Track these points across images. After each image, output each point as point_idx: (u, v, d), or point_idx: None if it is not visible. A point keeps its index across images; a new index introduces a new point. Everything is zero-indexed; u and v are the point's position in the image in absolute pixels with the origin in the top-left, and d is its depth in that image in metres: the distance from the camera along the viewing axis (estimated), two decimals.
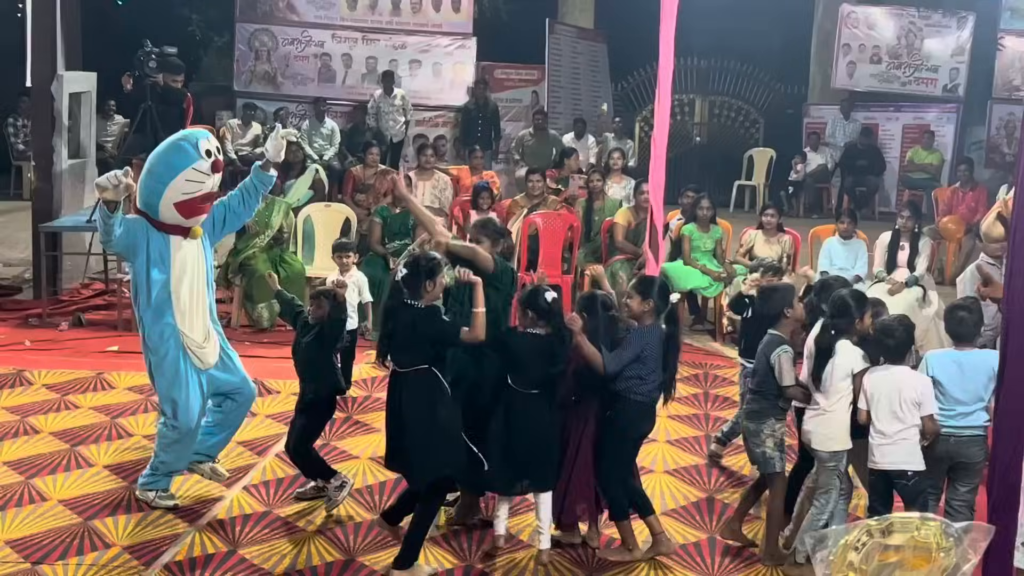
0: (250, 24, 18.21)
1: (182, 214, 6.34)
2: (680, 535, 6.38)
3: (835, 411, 5.80)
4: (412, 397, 5.73)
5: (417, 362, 5.70)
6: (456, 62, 18.39)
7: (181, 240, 6.40)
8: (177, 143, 6.38)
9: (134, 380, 8.85)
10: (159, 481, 6.62)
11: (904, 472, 5.64)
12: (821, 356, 5.82)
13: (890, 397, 5.65)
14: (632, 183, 12.62)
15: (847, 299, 5.90)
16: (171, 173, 6.27)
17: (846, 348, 5.81)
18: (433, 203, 12.29)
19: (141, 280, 6.34)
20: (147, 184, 6.31)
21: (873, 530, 4.05)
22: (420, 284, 5.70)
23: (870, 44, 19.29)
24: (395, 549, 5.98)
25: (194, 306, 6.43)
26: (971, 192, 14.46)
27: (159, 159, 6.36)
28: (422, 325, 5.69)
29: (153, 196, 6.28)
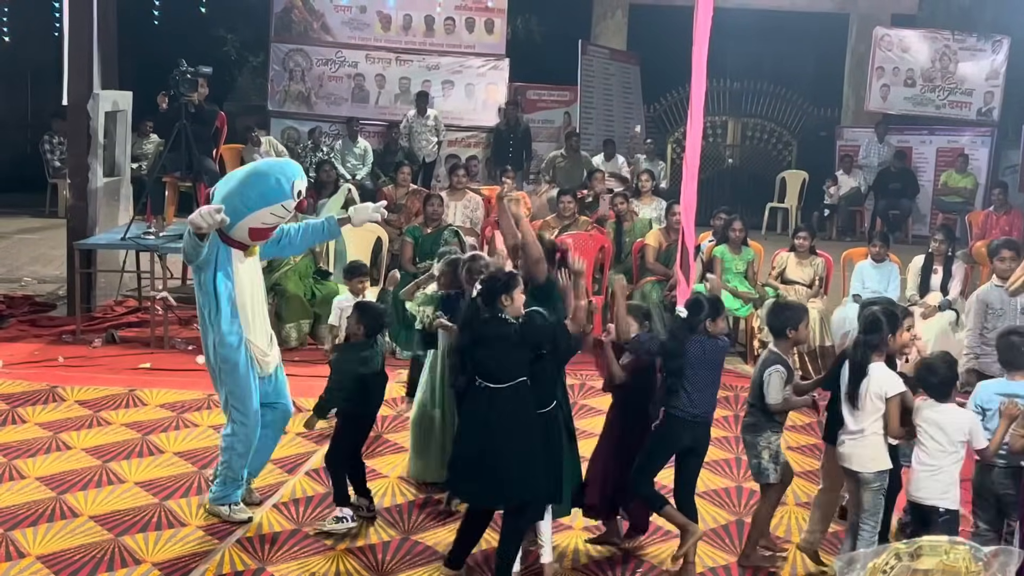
0: (284, 44, 18.33)
1: (252, 237, 6.51)
2: (709, 558, 6.35)
3: (871, 432, 5.78)
4: (511, 412, 5.64)
5: (515, 376, 5.64)
6: (489, 83, 18.46)
7: (241, 254, 6.55)
8: (276, 177, 6.45)
9: (166, 397, 8.90)
10: (230, 495, 6.69)
11: (936, 508, 5.62)
12: (855, 373, 5.80)
13: (934, 433, 5.63)
14: (663, 204, 12.63)
15: (878, 315, 5.89)
16: (260, 202, 6.37)
17: (880, 370, 5.78)
18: (464, 223, 12.33)
19: (210, 289, 6.45)
20: (230, 202, 6.35)
21: (902, 553, 4.02)
22: (496, 299, 5.66)
23: (904, 67, 19.22)
24: (427, 567, 6.00)
25: (255, 316, 6.60)
26: (1005, 216, 14.37)
27: (254, 186, 6.42)
28: (530, 333, 5.66)
29: (234, 215, 6.34)
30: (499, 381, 5.63)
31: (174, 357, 10.16)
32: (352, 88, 18.35)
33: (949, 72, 18.99)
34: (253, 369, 6.56)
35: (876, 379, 5.76)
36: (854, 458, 5.84)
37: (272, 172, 6.50)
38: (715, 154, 20.67)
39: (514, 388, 5.64)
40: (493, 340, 5.62)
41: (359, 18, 18.28)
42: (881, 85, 19.36)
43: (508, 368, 5.64)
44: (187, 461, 7.58)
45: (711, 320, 6.04)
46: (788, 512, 7.08)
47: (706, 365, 6.00)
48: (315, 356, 10.10)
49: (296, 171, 6.58)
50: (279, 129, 17.87)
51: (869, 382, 5.76)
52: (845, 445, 5.88)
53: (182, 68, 11.09)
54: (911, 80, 19.18)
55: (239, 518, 6.62)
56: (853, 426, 5.82)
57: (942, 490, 5.62)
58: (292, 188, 6.42)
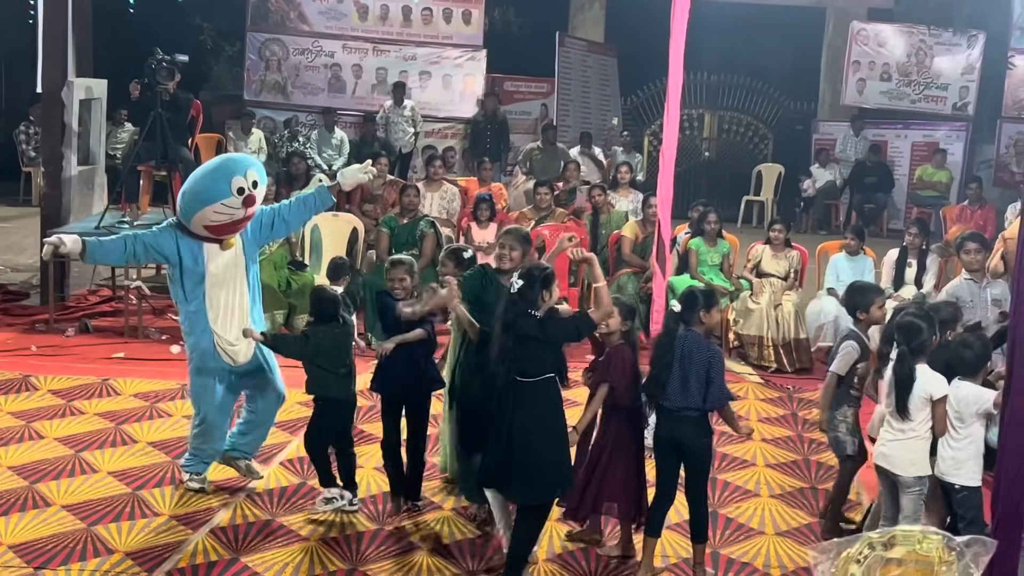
0: (261, 34, 18.24)
1: (211, 233, 6.58)
2: (684, 550, 6.34)
3: (917, 435, 5.75)
4: (540, 406, 5.67)
5: (544, 371, 5.65)
6: (466, 74, 18.41)
7: (217, 248, 6.63)
8: (213, 174, 6.54)
9: (140, 387, 8.87)
10: (196, 465, 6.90)
11: (953, 485, 5.69)
12: (902, 386, 5.75)
13: (955, 410, 5.67)
14: (639, 197, 12.65)
15: (917, 322, 5.83)
16: (200, 203, 6.48)
17: (925, 372, 5.75)
18: (441, 214, 12.31)
19: (176, 279, 6.63)
20: (185, 198, 6.56)
21: (875, 543, 4.04)
22: (537, 294, 5.66)
23: (880, 61, 19.29)
24: (401, 557, 6.00)
25: (230, 309, 6.66)
26: (980, 210, 14.45)
27: (197, 183, 6.57)
28: (552, 329, 5.67)
29: (187, 210, 6.54)
30: (529, 375, 5.64)
31: (148, 347, 10.13)
32: (329, 78, 18.28)
33: (925, 67, 19.06)
34: (215, 358, 6.66)
35: (922, 381, 5.72)
36: (894, 460, 5.81)
37: (215, 169, 6.60)
38: (691, 147, 20.71)
39: (544, 381, 5.66)
40: (523, 335, 5.62)
41: (336, 8, 18.21)
42: (857, 79, 19.42)
43: (539, 362, 5.65)
44: (160, 451, 7.55)
45: (705, 311, 5.99)
46: (762, 504, 7.11)
47: (689, 362, 5.91)
48: None
49: (239, 167, 6.58)
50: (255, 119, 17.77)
51: (917, 386, 5.72)
52: (886, 446, 5.86)
53: (158, 57, 11.02)
54: (887, 74, 19.25)
55: (192, 487, 6.84)
56: (897, 428, 5.80)
57: (955, 466, 5.67)
58: (231, 186, 6.44)
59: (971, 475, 5.67)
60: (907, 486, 5.78)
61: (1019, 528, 4.89)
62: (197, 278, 6.58)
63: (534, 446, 5.62)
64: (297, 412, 8.14)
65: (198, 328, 6.63)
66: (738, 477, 7.55)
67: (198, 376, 6.78)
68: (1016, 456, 4.82)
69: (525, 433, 5.63)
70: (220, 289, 6.63)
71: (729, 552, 6.37)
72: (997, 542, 4.67)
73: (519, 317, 5.63)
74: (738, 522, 6.80)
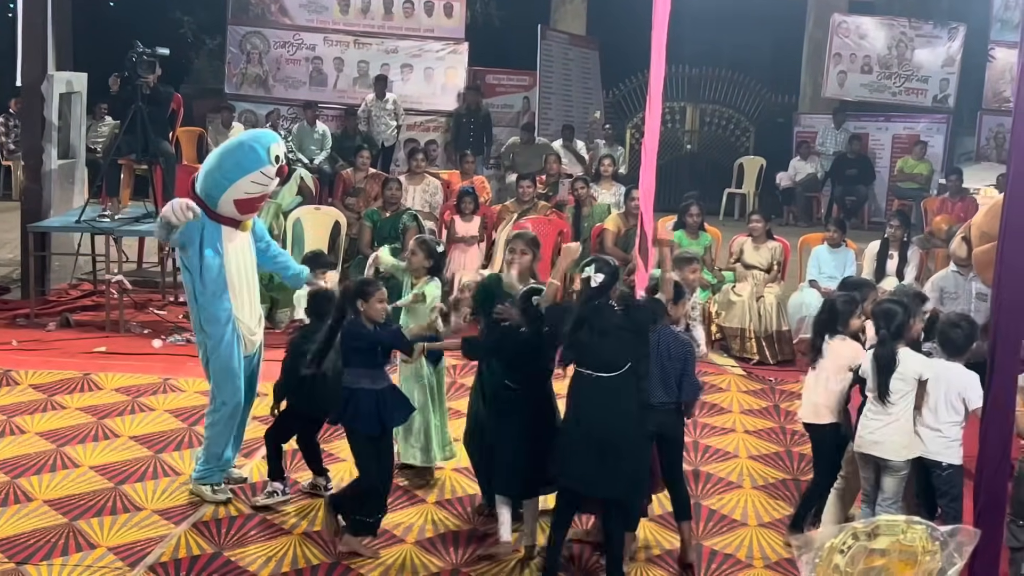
0: (242, 27, 18.18)
1: (239, 210, 6.54)
2: (667, 541, 6.35)
3: (905, 418, 5.83)
4: (625, 400, 5.65)
5: (622, 364, 5.62)
6: (448, 67, 18.39)
7: (233, 231, 6.59)
8: (250, 144, 6.53)
9: (121, 381, 8.85)
10: (213, 475, 6.72)
11: (939, 463, 5.76)
12: (884, 370, 5.83)
13: (938, 390, 5.75)
14: (622, 189, 12.67)
15: (892, 307, 5.96)
16: (239, 172, 6.43)
17: (909, 354, 5.87)
18: (423, 207, 12.30)
19: (195, 265, 6.49)
20: (212, 177, 6.48)
21: (859, 533, 4.05)
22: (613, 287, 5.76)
23: (861, 54, 19.32)
24: (383, 551, 6.01)
25: (244, 294, 6.64)
26: (960, 202, 14.47)
27: (230, 156, 6.53)
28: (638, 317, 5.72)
29: (216, 189, 6.46)
30: (610, 369, 5.61)
31: (129, 341, 10.10)
32: (310, 71, 18.23)
33: (905, 59, 19.11)
34: (239, 347, 6.60)
35: (905, 363, 5.82)
36: (886, 446, 5.86)
37: (246, 140, 6.59)
38: (673, 140, 20.72)
39: (624, 375, 5.63)
40: (608, 327, 5.61)
41: (317, 0, 18.15)
42: (838, 72, 19.44)
43: (619, 354, 5.62)
44: (142, 445, 7.54)
45: (672, 304, 6.11)
46: (745, 495, 7.13)
47: (665, 356, 5.97)
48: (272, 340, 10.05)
49: (271, 137, 6.66)
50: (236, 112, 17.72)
51: (902, 368, 5.81)
52: (875, 433, 5.89)
53: (139, 50, 10.97)
54: (868, 67, 19.28)
55: (219, 499, 6.65)
56: (883, 413, 5.85)
57: (945, 445, 5.74)
58: (269, 153, 6.46)
59: (957, 454, 5.76)
60: (896, 469, 5.85)
61: (1001, 516, 4.92)
62: (218, 263, 6.48)
63: (626, 441, 5.61)
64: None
65: (222, 316, 6.50)
66: (721, 469, 7.57)
67: (226, 367, 6.58)
68: (997, 444, 4.85)
69: (613, 430, 5.59)
70: (236, 274, 6.58)
71: (712, 544, 6.38)
72: (980, 532, 4.70)
73: (599, 309, 5.64)
74: (721, 513, 6.81)
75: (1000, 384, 4.83)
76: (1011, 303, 4.81)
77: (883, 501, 5.91)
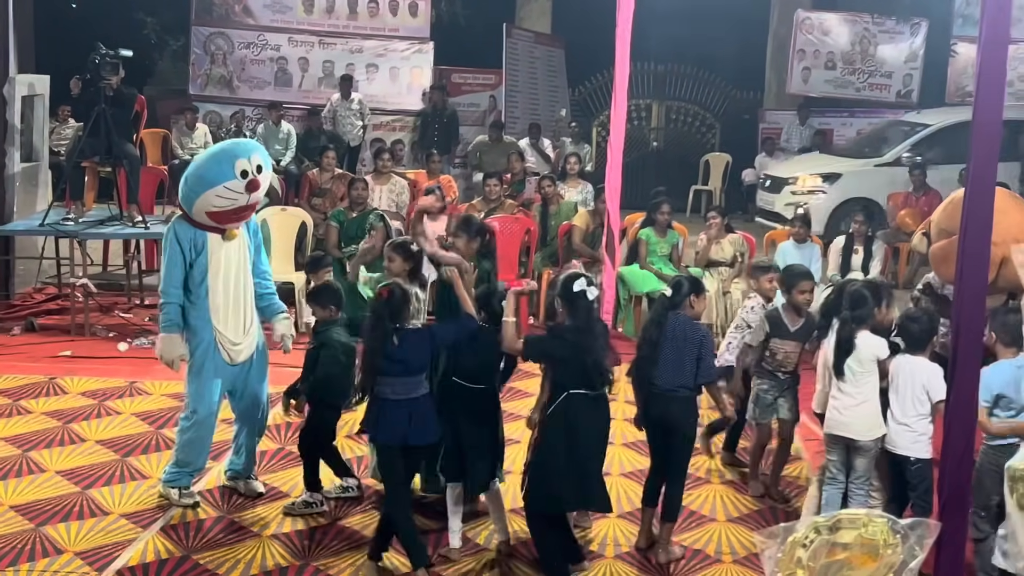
0: (206, 28, 18.08)
1: (214, 220, 6.46)
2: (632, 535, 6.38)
3: (870, 399, 5.97)
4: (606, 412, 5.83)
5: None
6: (413, 66, 18.35)
7: (219, 238, 6.50)
8: (217, 156, 6.45)
9: (87, 385, 8.80)
10: (182, 478, 6.67)
11: (908, 458, 5.88)
12: (842, 349, 6.00)
13: (905, 384, 5.87)
14: (588, 187, 12.69)
15: (863, 291, 6.15)
16: (204, 185, 6.36)
17: (869, 337, 6.00)
18: (390, 207, 12.27)
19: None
20: (185, 186, 6.42)
21: (821, 527, 4.08)
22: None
23: (824, 50, 19.42)
24: (351, 553, 6.00)
25: (230, 304, 6.53)
26: (924, 197, 14.56)
27: (199, 167, 6.46)
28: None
29: (186, 201, 6.42)
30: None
31: (95, 344, 10.04)
32: (275, 72, 18.16)
33: (869, 55, 19.23)
34: (216, 355, 6.51)
35: (866, 346, 5.96)
36: (855, 427, 5.99)
37: (218, 152, 6.51)
38: (640, 137, 20.78)
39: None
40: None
41: (281, 1, 18.08)
42: (802, 68, 19.54)
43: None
44: (109, 449, 7.49)
45: (694, 296, 6.22)
46: (713, 491, 7.16)
47: (678, 343, 6.09)
48: None
49: (243, 150, 6.49)
50: (201, 113, 17.63)
51: (860, 350, 5.95)
52: (843, 414, 6.02)
53: (101, 52, 10.89)
54: (832, 63, 19.39)
55: (186, 503, 6.62)
56: (849, 395, 5.99)
57: (913, 439, 5.85)
58: (234, 168, 6.33)
59: (926, 448, 5.86)
60: (866, 449, 5.99)
61: (965, 510, 4.96)
62: (200, 270, 6.42)
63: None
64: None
65: (200, 324, 6.46)
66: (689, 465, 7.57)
67: (198, 377, 6.54)
68: (961, 439, 4.89)
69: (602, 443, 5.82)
70: (222, 283, 6.49)
71: (681, 539, 6.40)
72: (940, 524, 4.75)
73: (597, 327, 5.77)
74: (690, 509, 6.83)
75: (963, 378, 4.88)
76: (972, 297, 4.85)
77: (855, 480, 6.05)
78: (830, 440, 6.13)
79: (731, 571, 6.07)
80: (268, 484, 6.94)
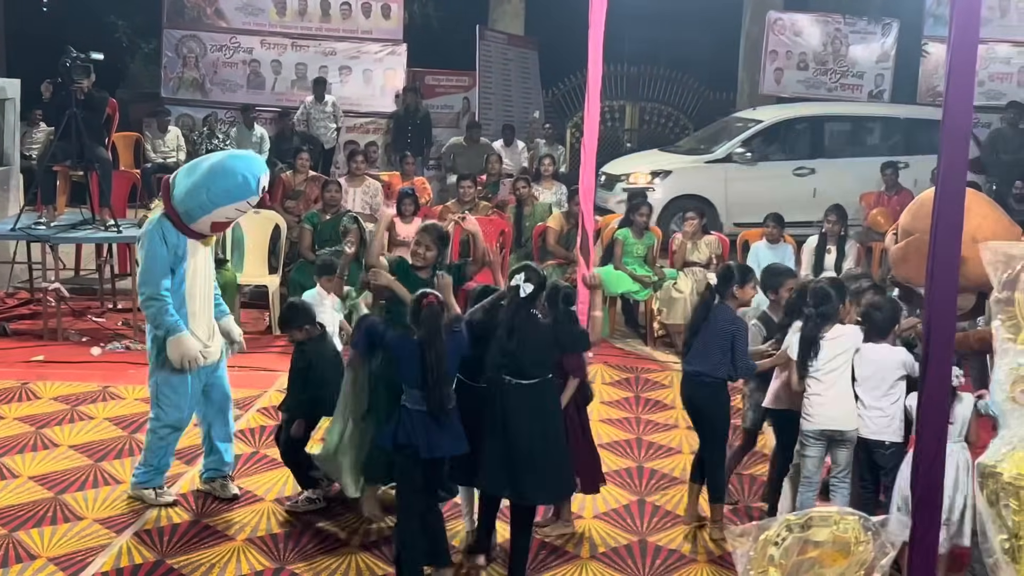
0: (177, 31, 18.04)
1: (213, 230, 6.55)
2: (612, 538, 6.40)
3: (847, 390, 6.06)
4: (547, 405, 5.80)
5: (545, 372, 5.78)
6: (387, 68, 18.36)
7: (198, 244, 6.54)
8: (243, 174, 6.44)
9: (60, 390, 8.74)
10: (155, 478, 6.67)
11: (882, 442, 5.98)
12: (805, 345, 6.10)
13: (875, 370, 5.99)
14: (563, 188, 12.70)
15: (827, 288, 6.24)
16: (227, 199, 6.41)
17: (838, 330, 6.11)
18: (364, 209, 12.25)
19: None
20: (197, 197, 6.36)
21: (792, 525, 4.10)
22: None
23: (796, 51, 19.49)
24: (327, 556, 5.97)
25: (202, 307, 6.59)
26: (896, 196, 14.62)
27: (220, 181, 6.40)
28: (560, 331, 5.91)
29: (198, 210, 6.38)
30: (533, 377, 5.68)
31: (68, 349, 9.98)
32: (248, 74, 18.13)
33: (840, 55, 19.30)
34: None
35: (839, 339, 6.07)
36: (840, 419, 6.05)
37: (239, 169, 6.48)
38: (613, 138, 20.82)
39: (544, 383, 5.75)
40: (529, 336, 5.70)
41: (253, 3, 18.05)
42: (775, 68, 19.60)
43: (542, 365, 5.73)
44: (82, 454, 7.45)
45: (739, 286, 6.41)
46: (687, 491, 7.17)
47: (712, 332, 6.28)
48: None
49: (261, 166, 6.63)
50: (173, 116, 17.56)
51: (835, 344, 6.05)
52: (826, 408, 6.07)
53: (72, 55, 10.84)
54: (804, 63, 19.46)
55: (165, 501, 6.63)
56: (828, 390, 6.05)
57: (886, 424, 5.97)
58: (258, 184, 6.45)
59: (898, 431, 5.98)
60: (850, 440, 6.07)
61: (937, 509, 4.98)
62: (179, 276, 6.42)
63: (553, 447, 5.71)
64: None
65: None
66: (664, 465, 7.61)
67: (171, 378, 6.51)
68: (933, 438, 4.89)
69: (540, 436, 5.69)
70: (198, 288, 6.53)
71: (656, 539, 6.42)
72: (911, 522, 4.78)
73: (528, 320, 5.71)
74: (665, 509, 6.85)
75: (934, 378, 4.89)
76: (943, 298, 4.86)
77: (838, 473, 6.13)
78: (813, 436, 6.14)
79: (706, 570, 6.08)
80: (243, 488, 6.92)
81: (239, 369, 8.67)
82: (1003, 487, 4.65)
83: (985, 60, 17.51)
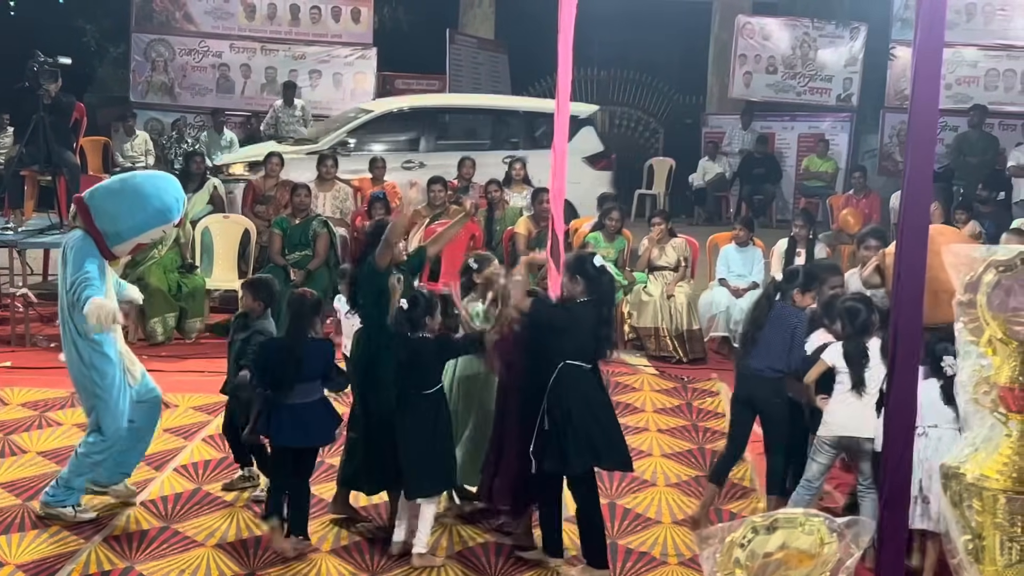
0: (146, 35, 17.98)
1: (133, 253, 6.67)
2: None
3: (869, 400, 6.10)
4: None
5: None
6: (357, 72, 18.34)
7: (107, 266, 6.51)
8: (168, 198, 6.44)
9: (28, 396, 8.70)
10: (71, 496, 6.52)
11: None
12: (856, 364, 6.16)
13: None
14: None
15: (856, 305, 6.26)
16: (155, 222, 6.43)
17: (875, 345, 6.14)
18: (334, 213, 12.24)
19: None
20: (123, 223, 6.35)
21: (758, 527, 4.12)
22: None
23: (765, 55, 19.58)
24: (295, 564, 5.96)
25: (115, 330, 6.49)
26: (865, 199, 14.74)
27: (145, 206, 6.38)
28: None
29: (127, 232, 6.37)
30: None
31: (36, 355, 9.92)
32: (217, 78, 18.09)
33: (809, 59, 19.41)
34: (125, 380, 6.49)
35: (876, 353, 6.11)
36: (865, 427, 6.05)
37: (162, 194, 6.45)
38: None
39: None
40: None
41: (222, 7, 18.02)
42: (744, 72, 19.69)
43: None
44: (51, 460, 7.41)
45: (800, 291, 6.56)
46: (659, 493, 7.19)
47: (774, 327, 6.39)
48: (182, 351, 9.99)
49: (181, 189, 6.64)
50: (142, 121, 17.50)
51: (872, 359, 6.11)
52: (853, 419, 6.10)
53: (40, 59, 10.79)
54: (772, 67, 19.55)
55: (87, 518, 6.49)
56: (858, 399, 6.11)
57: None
58: (183, 206, 6.52)
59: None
60: (866, 451, 6.10)
61: (905, 510, 5.02)
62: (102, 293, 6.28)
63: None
64: (191, 417, 8.09)
65: (112, 353, 6.41)
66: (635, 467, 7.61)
67: (117, 404, 6.44)
68: (900, 438, 4.93)
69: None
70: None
71: (627, 542, 6.43)
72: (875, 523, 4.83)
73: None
74: (635, 512, 6.87)
75: (901, 378, 4.92)
76: (910, 298, 4.90)
77: (863, 482, 6.18)
78: (830, 444, 6.21)
79: (677, 572, 6.10)
80: (211, 493, 6.89)
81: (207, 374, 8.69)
82: (966, 488, 4.68)
83: (952, 64, 17.62)
